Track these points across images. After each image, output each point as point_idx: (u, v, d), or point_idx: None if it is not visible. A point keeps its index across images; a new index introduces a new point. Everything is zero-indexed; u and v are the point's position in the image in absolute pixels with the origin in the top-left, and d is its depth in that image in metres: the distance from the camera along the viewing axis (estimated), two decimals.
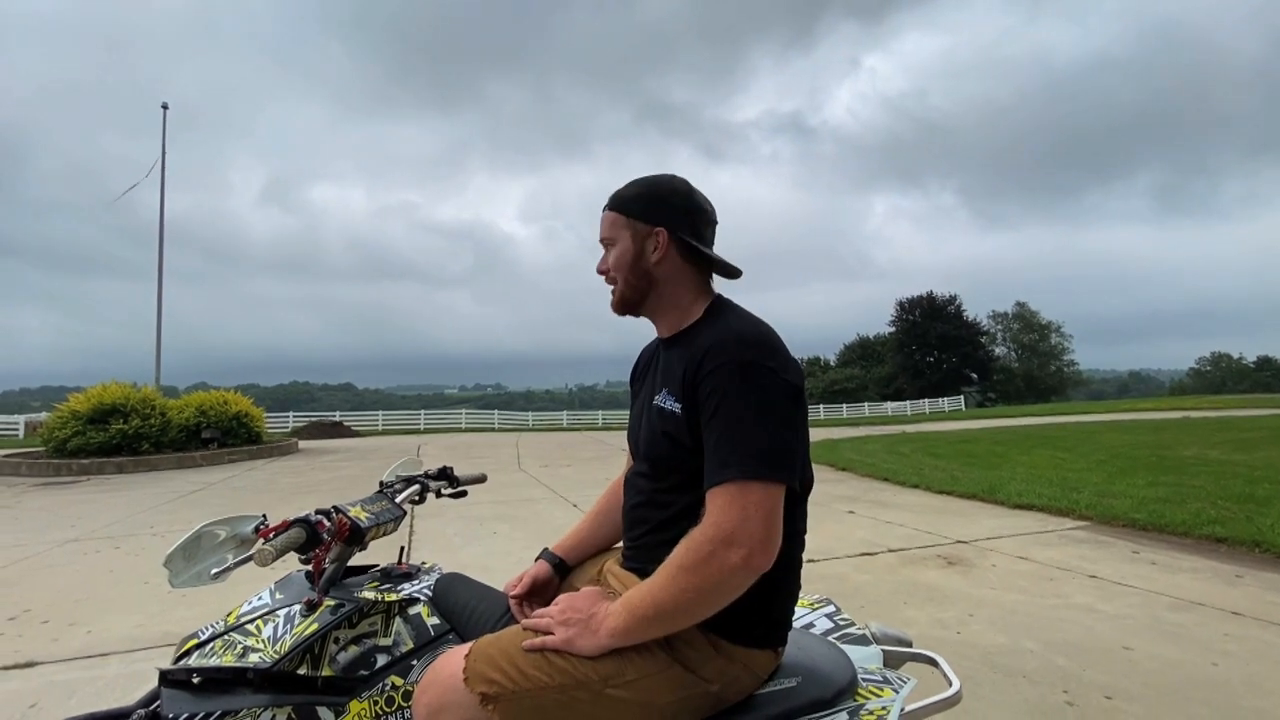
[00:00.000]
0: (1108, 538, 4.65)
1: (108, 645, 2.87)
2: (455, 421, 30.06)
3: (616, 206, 1.18)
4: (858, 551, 4.33)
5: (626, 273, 1.17)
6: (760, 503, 0.95)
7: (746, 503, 0.95)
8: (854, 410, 38.12)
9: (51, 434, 11.28)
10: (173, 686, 1.08)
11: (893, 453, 10.59)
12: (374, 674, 1.11)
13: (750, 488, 0.95)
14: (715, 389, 1.01)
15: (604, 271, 1.20)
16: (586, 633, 1.00)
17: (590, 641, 0.99)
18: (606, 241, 1.20)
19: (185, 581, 1.08)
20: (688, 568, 0.95)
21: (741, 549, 0.93)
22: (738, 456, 0.96)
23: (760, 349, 1.03)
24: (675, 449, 1.07)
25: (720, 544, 0.94)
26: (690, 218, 1.17)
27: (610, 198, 1.20)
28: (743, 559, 0.94)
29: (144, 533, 5.38)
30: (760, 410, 0.98)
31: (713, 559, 0.94)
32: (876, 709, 1.05)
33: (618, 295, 1.19)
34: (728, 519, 0.95)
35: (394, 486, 1.48)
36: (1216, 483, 6.36)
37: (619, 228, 1.17)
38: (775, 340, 1.07)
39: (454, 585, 1.28)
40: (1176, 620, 3.00)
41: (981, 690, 2.30)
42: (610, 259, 1.18)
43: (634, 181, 1.20)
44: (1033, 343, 60.61)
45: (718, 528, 0.95)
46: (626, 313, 1.22)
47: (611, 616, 1.00)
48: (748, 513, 0.94)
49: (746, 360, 1.01)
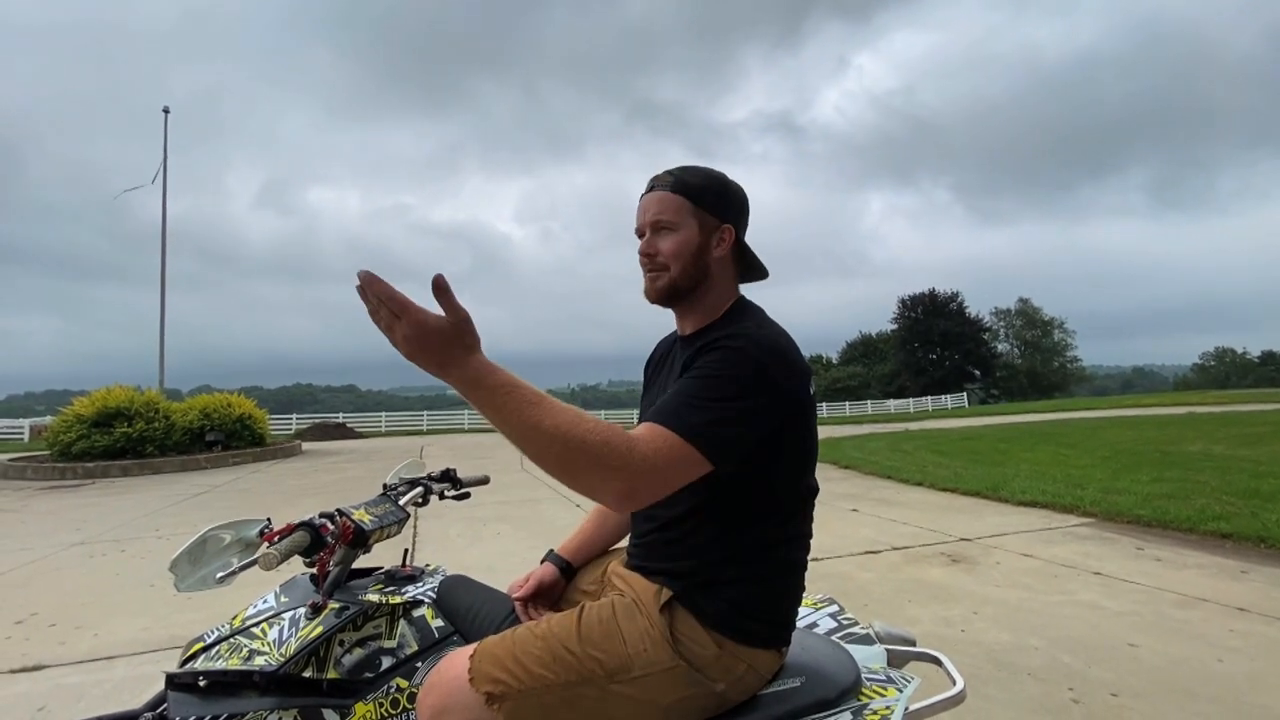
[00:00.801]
0: (1112, 534, 4.64)
1: (114, 648, 2.88)
2: (458, 422, 30.09)
3: (684, 192, 1.12)
4: (861, 550, 4.33)
5: (686, 262, 1.11)
6: (668, 456, 0.90)
7: (661, 452, 0.90)
8: (857, 408, 38.09)
9: (56, 438, 11.33)
10: (179, 690, 1.09)
11: (896, 450, 10.57)
12: (379, 676, 1.11)
13: (673, 442, 0.91)
14: (709, 360, 1.00)
15: (652, 254, 1.13)
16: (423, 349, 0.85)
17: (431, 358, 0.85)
18: (665, 225, 1.12)
19: (191, 585, 1.09)
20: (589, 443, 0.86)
21: (623, 481, 0.88)
22: (676, 412, 0.94)
23: (771, 354, 1.01)
24: None
25: (616, 459, 0.86)
26: (746, 220, 1.18)
27: (672, 180, 1.13)
28: (621, 489, 0.88)
29: (149, 536, 5.40)
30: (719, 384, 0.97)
31: (603, 462, 0.86)
32: (880, 708, 1.05)
33: (667, 281, 1.12)
34: (647, 447, 0.89)
35: (397, 489, 1.48)
36: (1221, 478, 6.34)
37: (685, 214, 1.12)
38: (787, 348, 1.05)
39: (458, 587, 1.29)
40: (1182, 617, 2.99)
41: (986, 689, 2.30)
42: (666, 244, 1.11)
43: (694, 169, 1.15)
44: (1036, 339, 60.50)
45: (630, 448, 0.88)
46: (668, 302, 1.16)
47: (478, 368, 0.87)
48: (657, 459, 0.89)
49: (734, 348, 1.00)
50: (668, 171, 1.15)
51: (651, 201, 1.14)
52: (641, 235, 1.15)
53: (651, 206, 1.13)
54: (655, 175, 1.16)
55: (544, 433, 0.85)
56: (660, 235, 1.13)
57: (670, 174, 1.15)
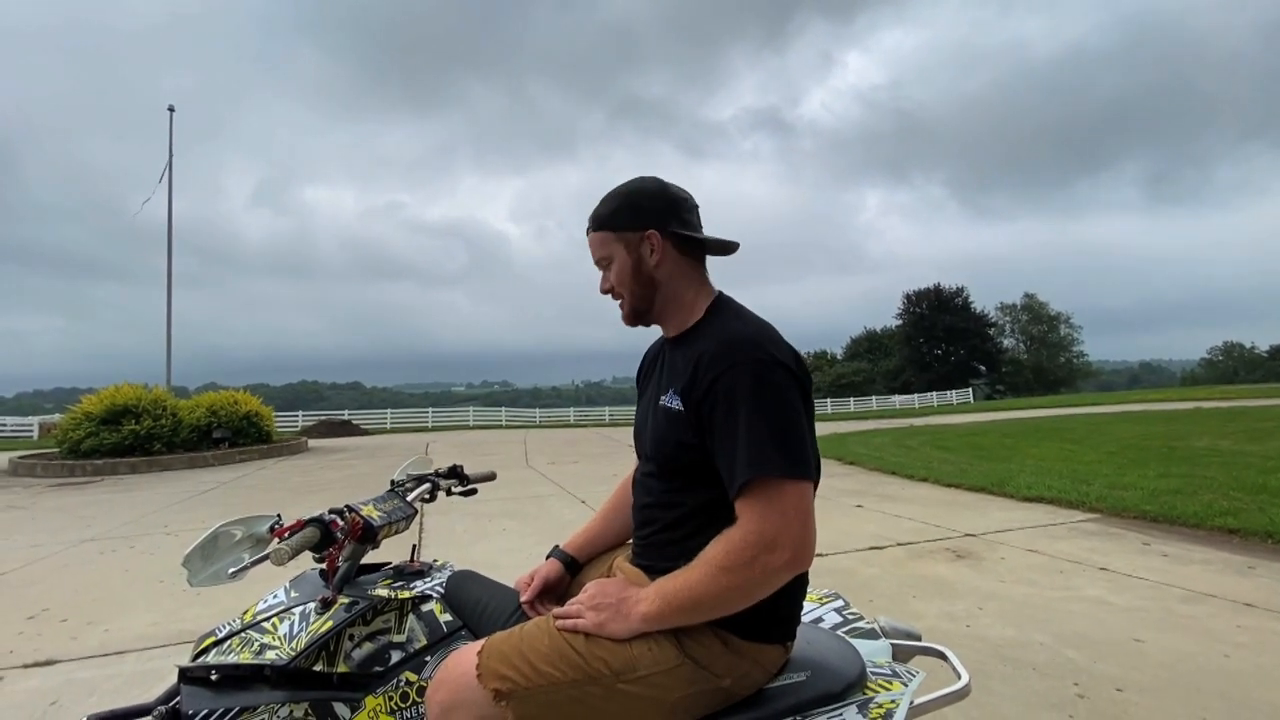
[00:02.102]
0: (1118, 530, 4.63)
1: (125, 643, 2.91)
2: (463, 419, 30.18)
3: (600, 226, 1.18)
4: (866, 545, 4.33)
5: (631, 284, 1.17)
6: (796, 504, 0.97)
7: (785, 505, 0.96)
8: (861, 404, 38.02)
9: (65, 435, 11.41)
10: (192, 683, 1.10)
11: (900, 446, 10.56)
12: (389, 670, 1.13)
13: (783, 488, 0.96)
14: (726, 391, 1.01)
15: (608, 290, 1.21)
16: (618, 616, 1.02)
17: (622, 625, 1.01)
18: (602, 261, 1.20)
19: (203, 581, 1.10)
20: (729, 569, 0.96)
21: (785, 552, 0.95)
22: (763, 456, 0.96)
23: (763, 348, 1.03)
24: (681, 449, 1.08)
25: (764, 549, 0.95)
26: (673, 210, 1.17)
27: (591, 219, 1.20)
28: (786, 561, 0.96)
29: (158, 532, 5.44)
30: (774, 410, 0.99)
31: (755, 563, 0.95)
32: (885, 702, 1.06)
33: (628, 309, 1.20)
34: (769, 523, 0.96)
35: (405, 485, 1.50)
36: (1229, 473, 6.31)
37: (610, 244, 1.18)
38: (777, 338, 1.08)
39: (466, 582, 1.30)
40: (1188, 612, 2.99)
41: (991, 683, 2.31)
42: (612, 276, 1.19)
43: (607, 197, 1.20)
44: (1041, 334, 60.20)
45: (760, 533, 0.96)
46: (638, 323, 1.22)
47: (644, 602, 1.02)
48: (787, 516, 0.96)
49: (753, 359, 1.02)
50: (600, 204, 1.21)
51: (591, 243, 1.21)
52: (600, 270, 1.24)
53: (592, 249, 1.22)
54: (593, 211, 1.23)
55: (715, 604, 0.98)
56: (607, 270, 1.20)
57: (592, 214, 1.21)
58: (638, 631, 1.01)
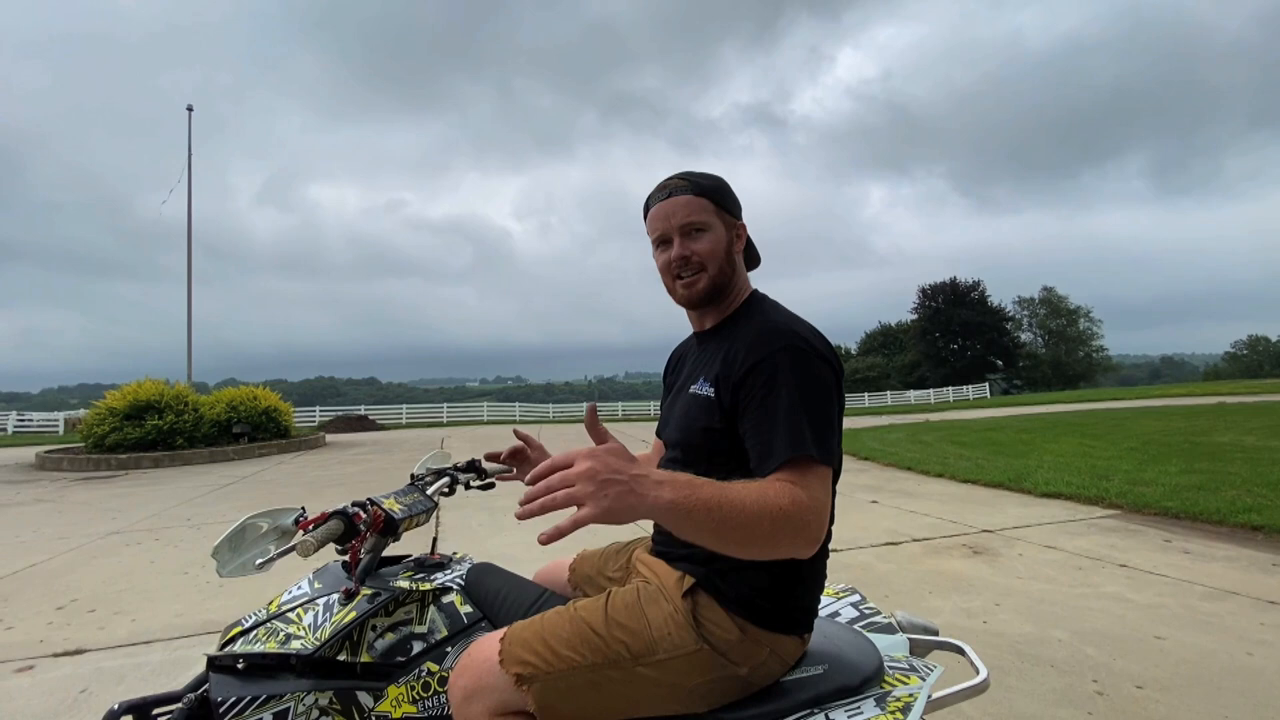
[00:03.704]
0: (1139, 526, 4.57)
1: (151, 633, 2.98)
2: (477, 414, 30.38)
3: (706, 194, 1.15)
4: (881, 541, 4.31)
5: (721, 261, 1.15)
6: (820, 488, 0.94)
7: (813, 488, 0.92)
8: (876, 399, 37.73)
9: (90, 430, 11.63)
10: (220, 671, 1.13)
11: (916, 442, 10.48)
12: (410, 660, 1.15)
13: (815, 471, 0.94)
14: (768, 374, 1.01)
15: (688, 257, 1.15)
16: (622, 492, 0.79)
17: (621, 502, 0.79)
18: (698, 226, 1.14)
19: (232, 571, 1.13)
20: (766, 505, 0.86)
21: (809, 533, 0.90)
22: (801, 436, 0.95)
23: (804, 337, 1.05)
24: (708, 435, 1.09)
25: (801, 515, 0.88)
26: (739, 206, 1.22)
27: (690, 185, 1.16)
28: (806, 543, 0.90)
29: (181, 525, 5.54)
30: (813, 395, 1.00)
31: (789, 522, 0.87)
32: (903, 696, 1.06)
33: (707, 283, 1.15)
34: (813, 500, 0.91)
35: (424, 479, 1.52)
36: (1253, 469, 6.20)
37: (711, 215, 1.15)
38: (815, 330, 1.09)
39: (486, 574, 1.32)
40: (1210, 609, 2.95)
41: (1009, 679, 2.29)
42: (702, 245, 1.14)
43: (702, 173, 1.18)
44: (1060, 328, 59.28)
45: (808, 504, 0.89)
46: (707, 303, 1.19)
47: (666, 486, 0.82)
48: (814, 497, 0.92)
49: (795, 346, 1.03)
50: (679, 177, 1.18)
51: (677, 206, 1.15)
52: (665, 242, 1.17)
53: (678, 211, 1.15)
54: (665, 182, 1.18)
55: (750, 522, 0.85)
56: (694, 238, 1.15)
57: (684, 179, 1.17)
58: (640, 515, 0.81)
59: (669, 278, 1.19)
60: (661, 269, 1.19)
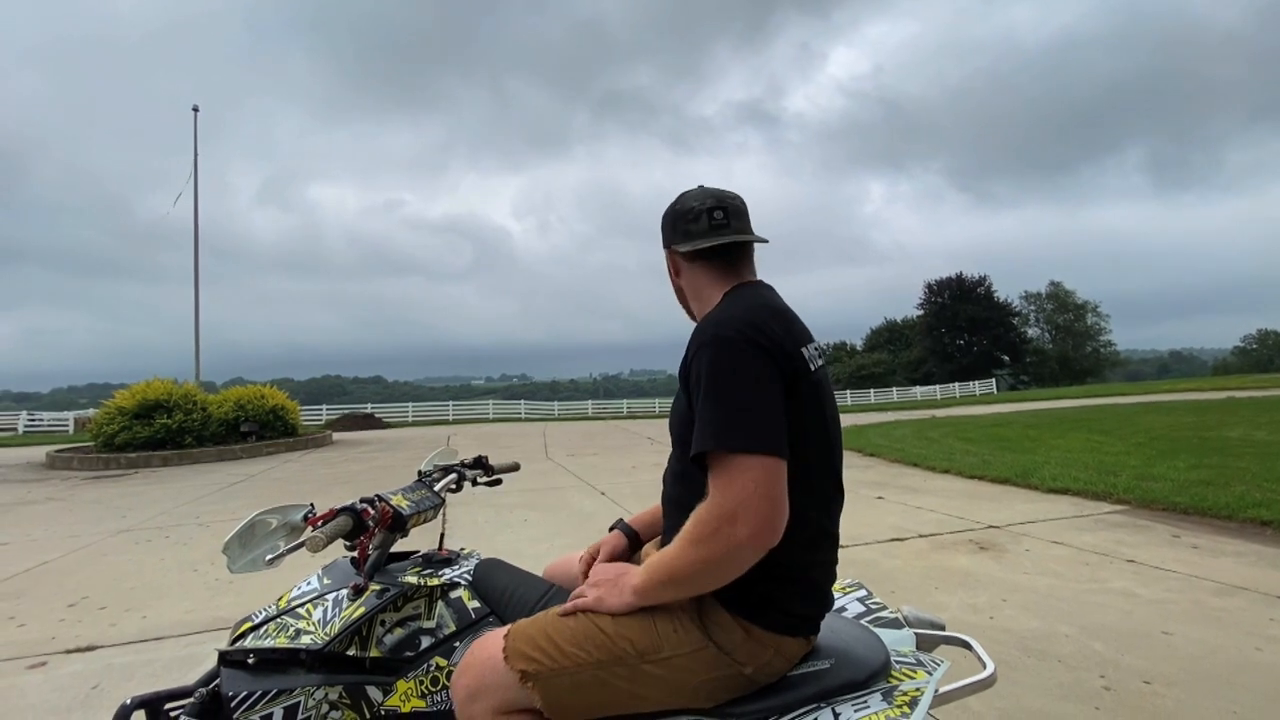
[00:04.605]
0: (1147, 522, 4.55)
1: (162, 629, 3.01)
2: (483, 412, 30.47)
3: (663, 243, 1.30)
4: (887, 537, 4.31)
5: (676, 293, 1.31)
6: (757, 478, 0.94)
7: (744, 480, 0.94)
8: (882, 395, 37.64)
9: (100, 429, 11.72)
10: (231, 666, 1.14)
11: (922, 438, 10.45)
12: (419, 655, 1.16)
13: (741, 462, 0.95)
14: (696, 370, 1.04)
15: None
16: (614, 591, 1.07)
17: (617, 599, 1.06)
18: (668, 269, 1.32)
19: (243, 567, 1.14)
20: (696, 541, 0.97)
21: (745, 526, 0.94)
22: (718, 430, 0.96)
23: (723, 325, 1.03)
24: (683, 432, 1.10)
25: (724, 521, 0.95)
26: (675, 226, 1.21)
27: None
28: (748, 536, 0.94)
29: (190, 523, 5.58)
30: (730, 385, 0.99)
31: (718, 535, 0.95)
32: (910, 690, 1.06)
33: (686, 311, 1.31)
34: (728, 496, 0.95)
35: (432, 475, 1.53)
36: (1263, 464, 6.16)
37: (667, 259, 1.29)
38: (744, 316, 1.05)
39: (493, 570, 1.32)
40: (1219, 605, 2.93)
41: (1015, 674, 2.29)
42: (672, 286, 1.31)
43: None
44: (1068, 323, 58.91)
45: (720, 505, 0.96)
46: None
47: (634, 576, 1.07)
48: (747, 490, 0.94)
49: (711, 336, 1.03)
50: None
51: None
52: None
53: None
54: None
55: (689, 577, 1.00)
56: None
57: None
58: (630, 606, 1.04)
59: None
60: None
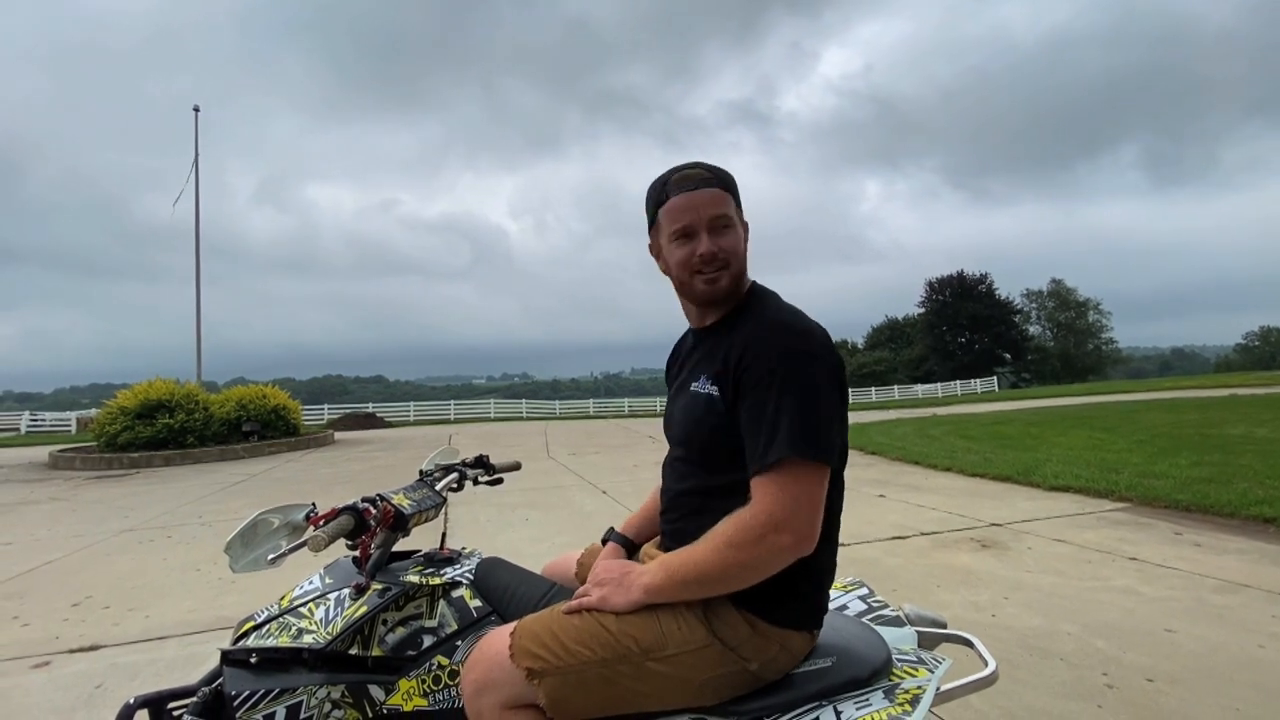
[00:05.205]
0: (1149, 519, 4.55)
1: (165, 629, 3.01)
2: (484, 411, 30.48)
3: (729, 188, 1.12)
4: (889, 535, 4.31)
5: (741, 258, 1.13)
6: (810, 489, 0.99)
7: (801, 489, 0.98)
8: (883, 393, 37.63)
9: (102, 429, 11.74)
10: (233, 665, 1.14)
11: (923, 436, 10.44)
12: (421, 654, 1.16)
13: (806, 471, 0.98)
14: (767, 373, 1.02)
15: (714, 253, 1.09)
16: (620, 589, 1.06)
17: (624, 597, 1.05)
18: (725, 222, 1.11)
19: (245, 566, 1.14)
20: (736, 545, 0.98)
21: (791, 534, 0.97)
22: (794, 437, 0.98)
23: (801, 336, 1.05)
24: (712, 433, 1.09)
25: (771, 528, 0.97)
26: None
27: (714, 177, 1.11)
28: (791, 543, 0.98)
29: (193, 522, 5.59)
30: (810, 394, 1.00)
31: (762, 541, 0.97)
32: (912, 688, 1.06)
33: (728, 280, 1.11)
34: (780, 505, 0.97)
35: (433, 475, 1.53)
36: (1265, 462, 6.15)
37: (733, 210, 1.12)
38: (816, 327, 1.08)
39: (495, 569, 1.33)
40: (1221, 602, 2.93)
41: (1018, 672, 2.29)
42: (728, 241, 1.10)
43: (718, 167, 1.14)
44: (1069, 321, 58.84)
45: (770, 514, 0.97)
46: (725, 300, 1.15)
47: (647, 574, 1.05)
48: (799, 500, 0.98)
49: (790, 347, 1.03)
50: (700, 167, 1.13)
51: (704, 199, 1.10)
52: (688, 235, 1.11)
53: (706, 204, 1.09)
54: (687, 173, 1.12)
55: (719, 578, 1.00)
56: (721, 234, 1.10)
57: (707, 170, 1.12)
58: (637, 604, 1.03)
59: (687, 272, 1.12)
60: (679, 262, 1.12)
